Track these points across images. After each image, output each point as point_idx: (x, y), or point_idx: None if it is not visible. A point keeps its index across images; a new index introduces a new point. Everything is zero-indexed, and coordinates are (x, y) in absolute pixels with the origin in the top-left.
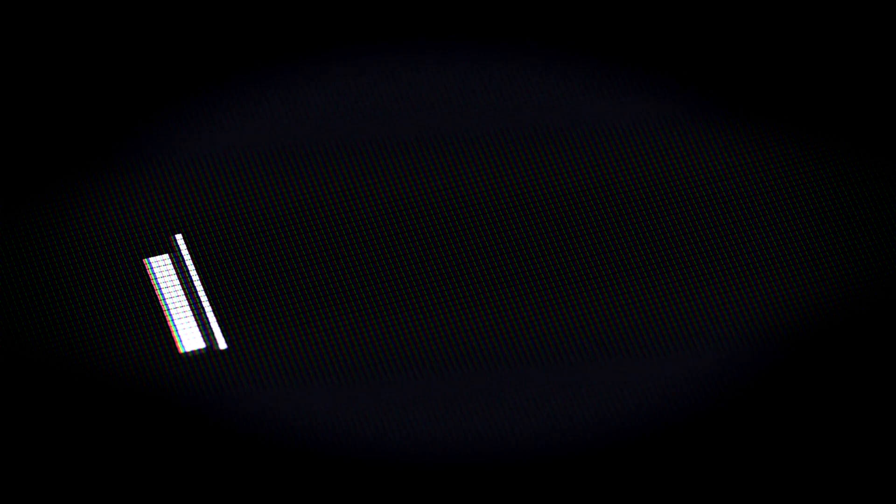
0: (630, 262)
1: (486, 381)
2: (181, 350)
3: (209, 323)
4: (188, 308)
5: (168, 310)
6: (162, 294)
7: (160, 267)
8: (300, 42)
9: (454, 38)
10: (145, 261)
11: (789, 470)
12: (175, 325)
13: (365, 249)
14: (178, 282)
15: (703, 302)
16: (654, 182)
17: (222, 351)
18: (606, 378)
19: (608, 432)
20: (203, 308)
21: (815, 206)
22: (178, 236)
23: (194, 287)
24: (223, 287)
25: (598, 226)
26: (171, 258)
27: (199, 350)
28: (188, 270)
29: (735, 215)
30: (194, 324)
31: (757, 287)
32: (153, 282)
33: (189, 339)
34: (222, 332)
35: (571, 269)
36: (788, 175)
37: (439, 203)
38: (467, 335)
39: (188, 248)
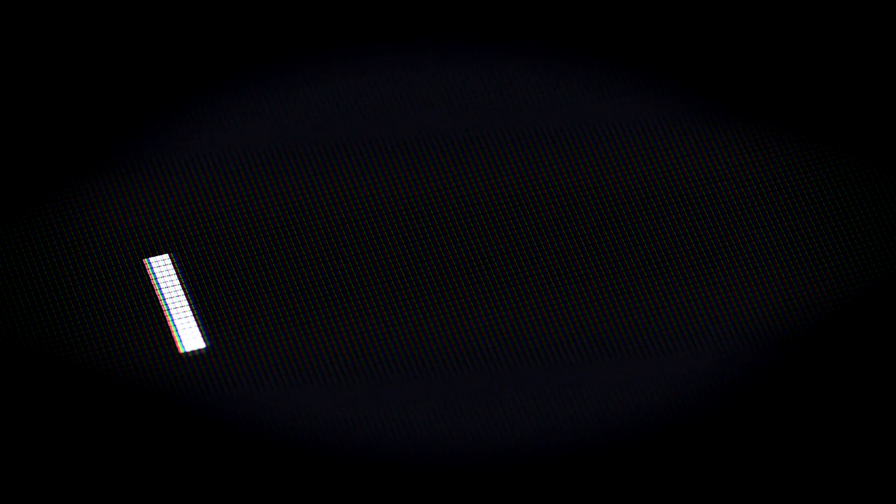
0: (630, 262)
1: (486, 381)
2: (181, 350)
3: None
4: (188, 308)
5: (168, 310)
6: (162, 294)
7: (160, 267)
8: (300, 42)
9: (454, 38)
10: (145, 261)
11: (789, 470)
12: (175, 325)
13: (365, 249)
14: (178, 282)
15: (703, 302)
16: (654, 182)
17: (213, 350)
18: (606, 378)
19: (608, 432)
20: (202, 308)
21: (815, 206)
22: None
23: (193, 287)
24: (223, 287)
25: (598, 226)
26: (171, 258)
27: (199, 350)
28: (186, 272)
29: (735, 215)
30: (194, 324)
31: (757, 287)
32: (153, 282)
33: (189, 339)
34: (221, 332)
35: (571, 269)
36: (788, 175)
37: (439, 203)
38: (467, 335)
39: (188, 247)
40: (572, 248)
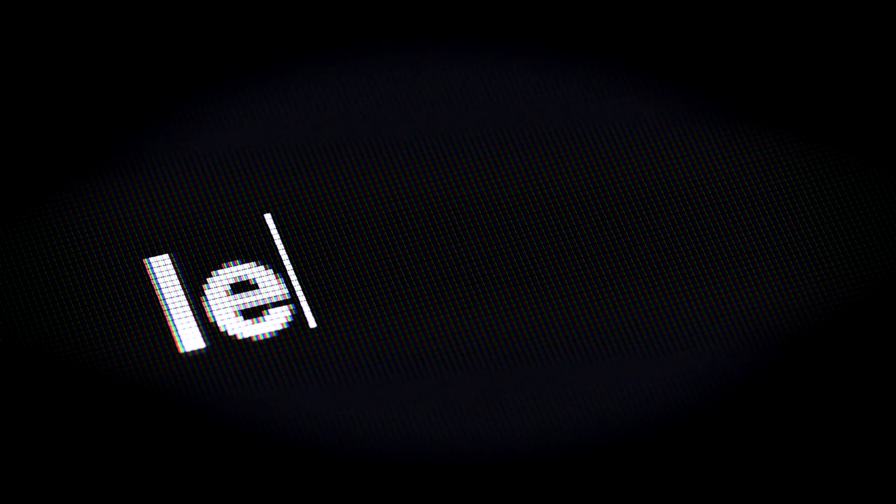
0: (630, 262)
1: (486, 381)
2: (181, 350)
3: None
4: (188, 308)
5: (168, 310)
6: (162, 294)
7: (160, 267)
8: (300, 42)
9: (454, 38)
10: (145, 261)
11: (789, 470)
12: (175, 325)
13: (365, 250)
14: (178, 282)
15: (702, 302)
16: (654, 182)
17: (213, 350)
18: (606, 378)
19: (608, 432)
20: (204, 308)
21: (815, 206)
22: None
23: (197, 287)
24: (222, 287)
25: (597, 226)
26: (171, 258)
27: (199, 350)
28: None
29: (735, 215)
30: (194, 324)
31: (757, 287)
32: (153, 282)
33: (189, 339)
34: (217, 330)
35: (571, 269)
36: (788, 175)
37: (439, 203)
38: (467, 335)
39: (188, 247)
40: (572, 248)
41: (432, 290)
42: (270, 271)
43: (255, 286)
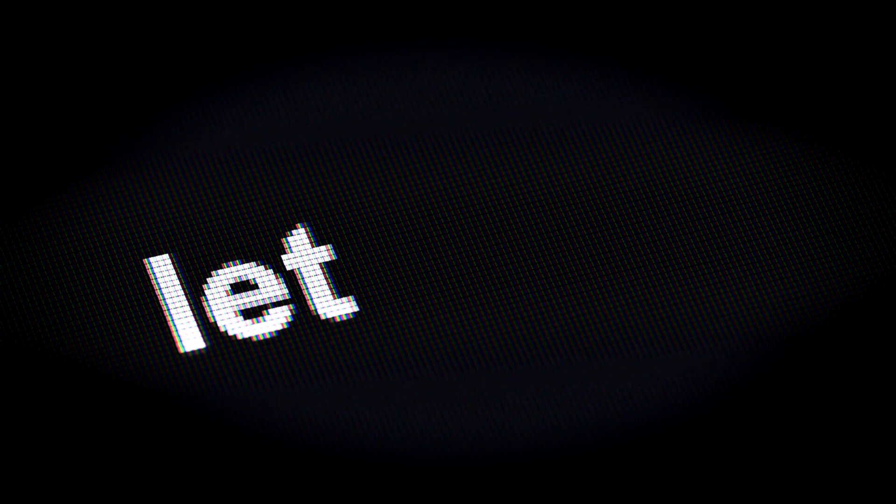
0: (630, 262)
1: (486, 381)
2: (181, 350)
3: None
4: (188, 308)
5: (168, 310)
6: (162, 294)
7: (160, 267)
8: (300, 42)
9: (454, 38)
10: (145, 261)
11: (789, 470)
12: (175, 325)
13: (365, 250)
14: (178, 282)
15: (702, 302)
16: (654, 182)
17: (213, 350)
18: (606, 378)
19: (608, 432)
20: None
21: (815, 206)
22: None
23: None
24: (222, 287)
25: (597, 226)
26: (171, 258)
27: (199, 350)
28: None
29: (735, 215)
30: (194, 324)
31: (757, 287)
32: (153, 282)
33: (189, 339)
34: (217, 330)
35: (571, 269)
36: (788, 175)
37: (439, 203)
38: (467, 336)
39: (188, 247)
40: (572, 248)
41: (432, 290)
42: (270, 271)
43: (255, 286)
